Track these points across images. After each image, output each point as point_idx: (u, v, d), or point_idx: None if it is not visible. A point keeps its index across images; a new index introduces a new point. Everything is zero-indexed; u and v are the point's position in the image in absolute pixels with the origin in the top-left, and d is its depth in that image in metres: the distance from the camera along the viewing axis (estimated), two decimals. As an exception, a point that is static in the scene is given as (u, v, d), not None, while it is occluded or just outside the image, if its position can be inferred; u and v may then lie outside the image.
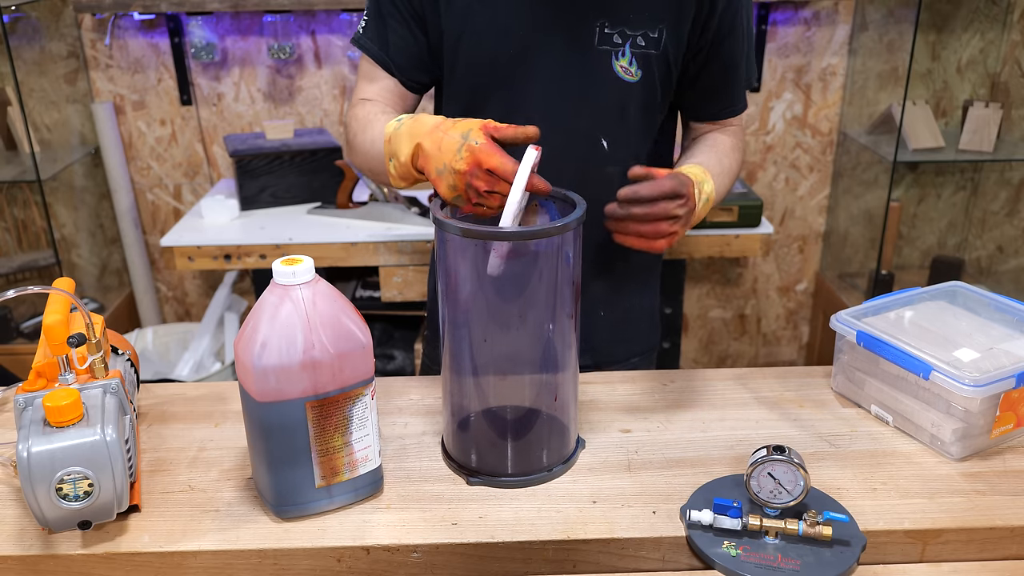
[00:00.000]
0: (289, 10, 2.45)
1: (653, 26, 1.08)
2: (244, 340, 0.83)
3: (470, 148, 0.90)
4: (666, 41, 1.09)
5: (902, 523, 0.86)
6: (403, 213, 2.26)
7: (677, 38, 1.09)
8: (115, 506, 0.82)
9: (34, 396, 0.82)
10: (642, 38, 1.08)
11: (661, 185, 0.94)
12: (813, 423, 1.05)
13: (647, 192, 0.94)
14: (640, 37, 1.08)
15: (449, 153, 0.91)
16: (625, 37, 1.08)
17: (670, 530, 0.86)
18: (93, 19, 2.55)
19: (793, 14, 2.57)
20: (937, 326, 1.08)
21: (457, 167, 0.91)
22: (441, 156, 0.92)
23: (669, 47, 1.09)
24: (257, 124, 2.67)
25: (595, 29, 1.07)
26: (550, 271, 0.88)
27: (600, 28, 1.07)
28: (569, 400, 0.96)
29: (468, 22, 1.09)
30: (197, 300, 2.93)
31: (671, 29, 1.08)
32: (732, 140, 1.21)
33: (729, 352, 3.07)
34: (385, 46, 1.15)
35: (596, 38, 1.08)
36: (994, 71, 2.64)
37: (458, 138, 0.91)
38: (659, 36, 1.08)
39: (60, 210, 2.72)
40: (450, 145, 0.92)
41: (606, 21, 1.07)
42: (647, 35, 1.08)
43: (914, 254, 2.89)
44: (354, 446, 0.88)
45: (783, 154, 2.75)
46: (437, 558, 0.85)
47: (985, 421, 0.96)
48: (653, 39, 1.08)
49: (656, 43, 1.09)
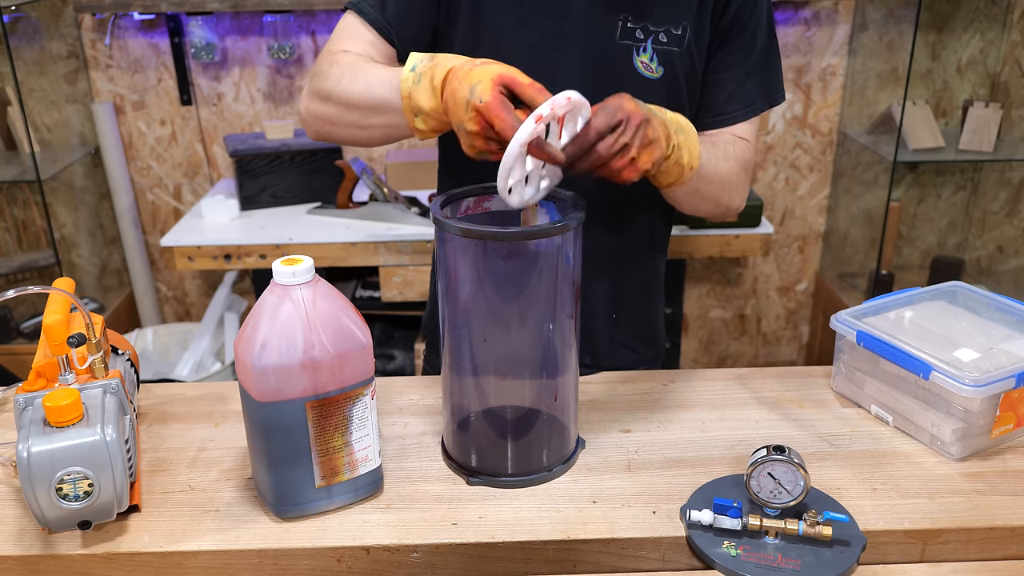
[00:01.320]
0: (289, 10, 2.45)
1: (677, 23, 1.06)
2: (244, 340, 0.83)
3: (475, 107, 0.84)
4: (690, 39, 1.07)
5: (902, 523, 0.86)
6: (403, 213, 2.26)
7: (701, 35, 1.08)
8: (115, 506, 0.82)
9: (34, 396, 0.82)
10: (665, 35, 1.06)
11: (587, 132, 0.86)
12: (813, 423, 1.05)
13: (576, 148, 0.86)
14: (663, 34, 1.06)
15: (460, 110, 0.86)
16: (648, 33, 1.06)
17: (670, 530, 0.86)
18: (93, 19, 2.55)
19: (793, 14, 2.57)
20: (937, 326, 1.08)
21: (468, 128, 0.86)
22: (456, 112, 0.86)
23: (693, 44, 1.07)
24: (257, 124, 2.67)
25: (618, 22, 1.05)
26: (550, 271, 0.88)
27: (623, 22, 1.05)
28: (569, 400, 0.96)
29: (490, 7, 1.06)
30: (197, 300, 2.93)
31: (695, 26, 1.06)
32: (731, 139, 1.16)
33: (729, 352, 3.07)
34: (383, 11, 1.08)
35: (618, 32, 1.06)
36: (994, 71, 2.64)
37: (466, 93, 0.85)
38: (683, 34, 1.06)
39: (60, 210, 2.72)
40: (460, 101, 0.85)
41: (629, 16, 1.05)
42: (670, 32, 1.06)
43: (914, 254, 2.89)
44: (354, 446, 0.88)
45: (783, 154, 2.75)
46: (437, 558, 0.85)
47: (985, 421, 0.96)
48: (676, 36, 1.06)
49: (679, 40, 1.07)
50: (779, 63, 1.16)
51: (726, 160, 1.11)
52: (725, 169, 1.10)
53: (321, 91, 1.06)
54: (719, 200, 1.13)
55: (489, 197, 0.98)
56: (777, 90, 1.16)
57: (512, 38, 1.07)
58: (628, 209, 1.18)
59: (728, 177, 1.12)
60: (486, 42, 1.08)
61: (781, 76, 1.17)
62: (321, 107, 1.06)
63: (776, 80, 1.16)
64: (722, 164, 1.10)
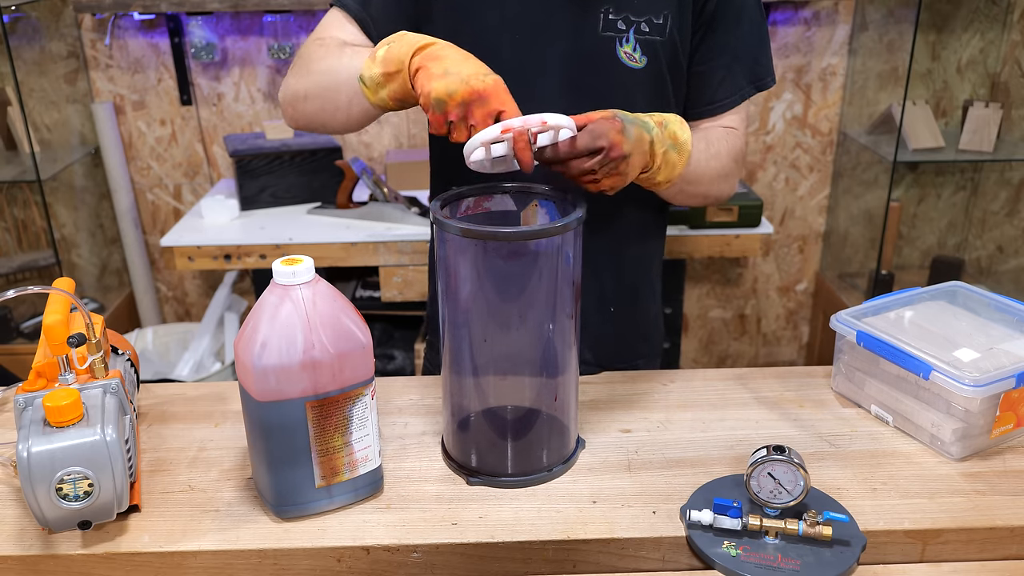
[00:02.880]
0: (289, 10, 2.45)
1: (657, 12, 1.07)
2: (244, 340, 0.83)
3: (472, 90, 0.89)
4: (671, 27, 1.08)
5: (902, 523, 0.86)
6: (403, 213, 2.26)
7: (683, 24, 1.08)
8: (115, 506, 0.82)
9: (34, 396, 0.82)
10: (646, 24, 1.07)
11: (567, 148, 0.92)
12: (813, 423, 1.05)
13: (550, 156, 0.93)
14: (644, 23, 1.07)
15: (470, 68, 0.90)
16: (629, 23, 1.07)
17: (670, 530, 0.86)
18: (93, 19, 2.55)
19: (793, 14, 2.57)
20: (937, 326, 1.08)
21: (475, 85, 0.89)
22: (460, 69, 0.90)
23: (675, 33, 1.08)
24: (257, 124, 2.67)
25: (599, 15, 1.07)
26: (550, 271, 0.88)
27: (605, 14, 1.06)
28: (569, 400, 0.96)
29: (472, 5, 1.07)
30: (197, 300, 2.93)
31: (676, 15, 1.07)
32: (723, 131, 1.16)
33: (729, 352, 3.07)
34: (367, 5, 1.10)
35: (600, 24, 1.07)
36: (994, 71, 2.64)
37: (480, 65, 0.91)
38: (664, 22, 1.07)
39: (60, 210, 2.72)
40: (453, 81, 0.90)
41: (610, 7, 1.06)
42: (651, 21, 1.07)
43: (914, 254, 2.89)
44: (354, 446, 0.88)
45: (783, 154, 2.75)
46: (437, 558, 0.85)
47: (985, 421, 0.96)
48: (658, 25, 1.07)
49: (661, 29, 1.08)
50: (768, 46, 1.16)
51: (716, 157, 1.12)
52: (715, 167, 1.12)
53: (297, 68, 1.09)
54: (708, 194, 1.15)
55: (489, 197, 0.98)
56: (765, 74, 1.16)
57: (496, 36, 1.08)
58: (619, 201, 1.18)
59: (718, 173, 1.13)
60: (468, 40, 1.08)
61: (770, 59, 1.16)
62: (296, 82, 1.08)
63: (764, 64, 1.15)
64: (713, 163, 1.11)
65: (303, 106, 1.09)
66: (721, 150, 1.13)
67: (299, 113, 1.10)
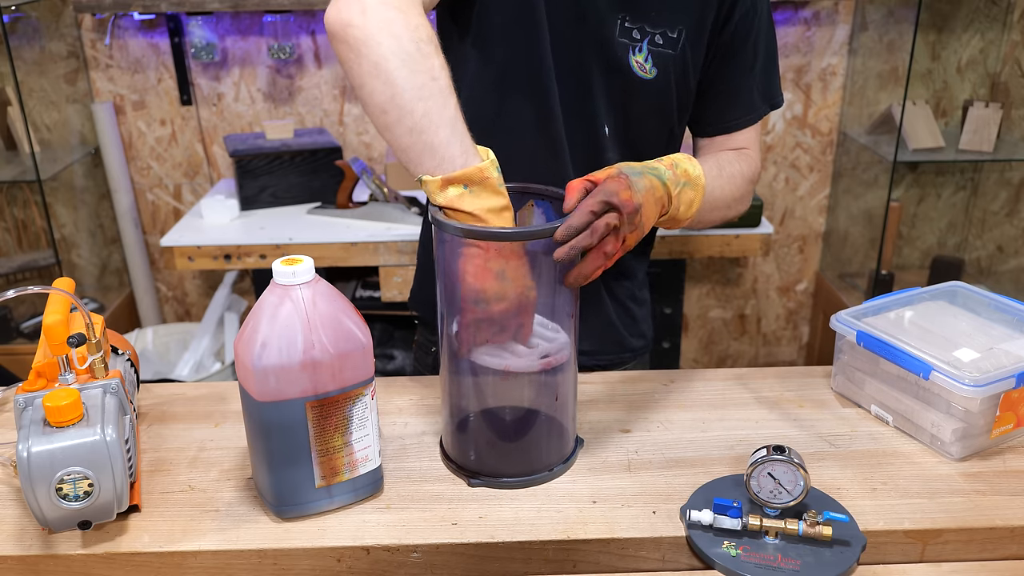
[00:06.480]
0: (289, 10, 2.45)
1: (672, 27, 1.08)
2: (244, 340, 0.83)
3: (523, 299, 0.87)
4: (684, 44, 1.09)
5: (902, 523, 0.86)
6: (403, 213, 2.26)
7: (697, 43, 1.10)
8: (115, 506, 0.82)
9: (34, 396, 0.82)
10: (660, 37, 1.08)
11: (584, 208, 0.86)
12: (813, 423, 1.05)
13: (577, 222, 0.85)
14: (659, 36, 1.08)
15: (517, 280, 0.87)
16: (644, 33, 1.08)
17: (670, 530, 0.86)
18: (93, 19, 2.55)
19: (793, 14, 2.57)
20: (937, 326, 1.08)
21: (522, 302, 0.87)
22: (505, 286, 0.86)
23: (687, 50, 1.10)
24: (257, 124, 2.67)
25: (616, 22, 1.08)
26: (550, 271, 0.88)
27: (621, 21, 1.08)
28: (569, 400, 0.96)
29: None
30: (197, 300, 2.93)
31: (691, 33, 1.09)
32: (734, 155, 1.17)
33: (729, 352, 3.07)
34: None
35: (617, 30, 1.08)
36: (994, 71, 2.64)
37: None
38: (678, 37, 1.09)
39: (60, 210, 2.72)
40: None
41: (627, 16, 1.07)
42: (666, 35, 1.08)
43: (914, 254, 2.89)
44: (354, 446, 0.88)
45: (783, 154, 2.75)
46: (437, 558, 0.85)
47: (985, 421, 0.96)
48: (672, 39, 1.09)
49: (674, 44, 1.09)
50: (777, 66, 1.19)
51: (731, 182, 1.14)
52: (730, 190, 1.13)
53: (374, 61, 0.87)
54: (725, 217, 1.17)
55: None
56: (777, 94, 1.19)
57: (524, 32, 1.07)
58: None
59: (733, 197, 1.15)
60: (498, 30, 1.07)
61: (779, 79, 1.20)
62: (390, 80, 0.86)
63: (776, 84, 1.19)
64: (727, 188, 1.12)
65: (375, 99, 0.88)
66: (735, 172, 1.15)
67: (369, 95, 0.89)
